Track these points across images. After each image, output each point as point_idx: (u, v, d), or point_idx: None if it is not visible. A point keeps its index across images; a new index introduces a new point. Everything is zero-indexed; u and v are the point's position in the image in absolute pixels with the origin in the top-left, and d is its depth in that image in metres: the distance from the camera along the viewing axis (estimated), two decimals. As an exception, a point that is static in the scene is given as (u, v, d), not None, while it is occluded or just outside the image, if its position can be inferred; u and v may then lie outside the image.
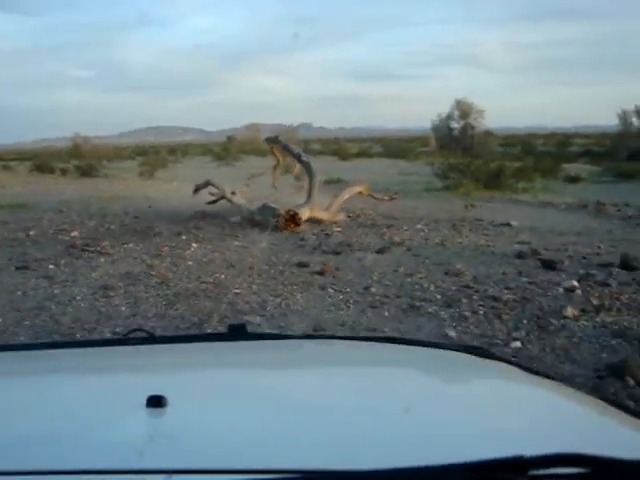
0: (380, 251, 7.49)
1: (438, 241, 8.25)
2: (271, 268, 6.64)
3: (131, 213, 11.28)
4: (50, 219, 10.61)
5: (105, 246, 7.98)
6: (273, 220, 8.83)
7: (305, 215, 9.19)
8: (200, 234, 8.85)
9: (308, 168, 10.71)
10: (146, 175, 22.85)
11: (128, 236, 8.79)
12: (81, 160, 27.53)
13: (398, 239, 8.37)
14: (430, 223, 9.87)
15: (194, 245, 8.02)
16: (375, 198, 11.28)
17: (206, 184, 10.93)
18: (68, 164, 26.03)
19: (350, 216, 10.28)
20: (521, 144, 44.26)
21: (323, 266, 6.55)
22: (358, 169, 24.92)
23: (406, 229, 9.26)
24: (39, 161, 28.25)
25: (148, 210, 11.70)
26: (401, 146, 47.69)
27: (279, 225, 8.88)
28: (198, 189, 11.07)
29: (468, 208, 11.42)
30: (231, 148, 42.64)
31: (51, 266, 6.87)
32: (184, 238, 8.52)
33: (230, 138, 54.44)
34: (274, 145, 11.54)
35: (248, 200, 10.29)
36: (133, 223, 10.15)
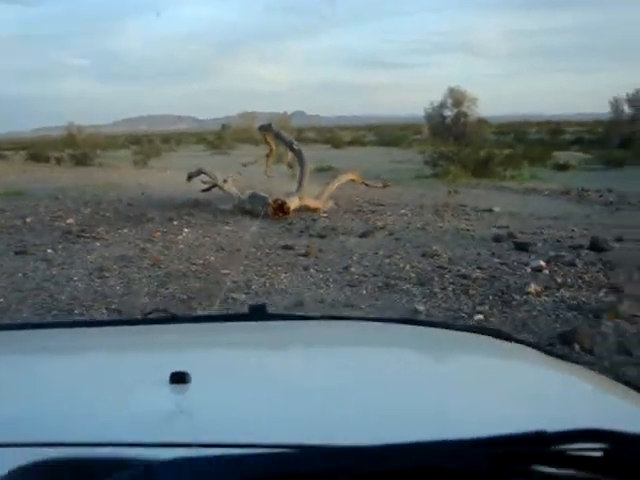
0: (363, 235, 7.85)
1: (419, 226, 8.61)
2: (258, 250, 6.99)
3: (125, 200, 11.60)
4: (46, 206, 10.92)
5: (100, 231, 8.32)
6: (262, 209, 8.95)
7: (294, 204, 9.26)
8: (192, 220, 9.19)
9: (299, 156, 10.82)
10: (140, 164, 23.08)
11: (122, 222, 9.13)
12: (75, 149, 27.71)
13: (381, 224, 8.73)
14: (415, 209, 10.21)
15: (186, 230, 8.36)
16: (367, 185, 11.42)
17: (199, 172, 11.09)
18: (63, 153, 26.25)
19: (337, 203, 10.54)
20: (514, 132, 44.51)
21: (307, 248, 6.91)
22: (350, 157, 25.20)
23: (390, 214, 9.60)
24: (34, 150, 28.40)
25: (142, 198, 12.01)
26: (395, 134, 47.69)
27: (268, 214, 9.02)
28: (191, 177, 11.24)
29: (451, 194, 11.76)
30: (225, 137, 42.73)
31: (49, 250, 7.21)
32: (176, 224, 8.87)
33: (225, 126, 54.47)
34: (266, 133, 11.70)
35: (240, 188, 10.45)
36: (127, 210, 10.47)
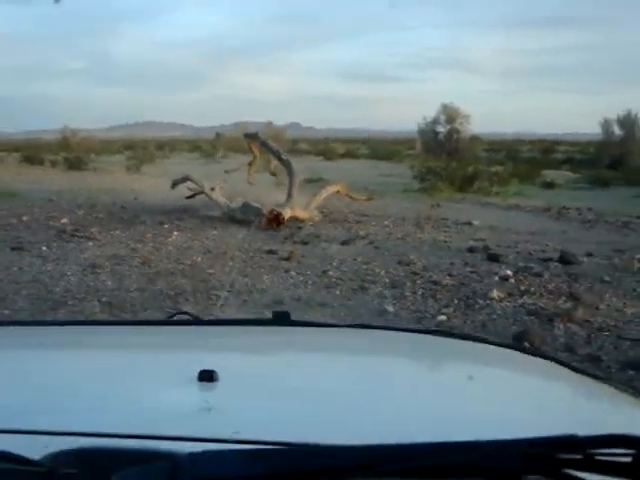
0: (344, 243, 8.24)
1: (400, 236, 9.00)
2: (243, 254, 7.37)
3: (118, 204, 11.95)
4: (41, 207, 11.26)
5: (93, 232, 8.68)
6: (256, 220, 9.00)
7: (287, 215, 9.33)
8: (182, 224, 9.55)
9: (288, 166, 10.79)
10: (133, 170, 23.33)
11: (115, 224, 9.49)
12: (70, 153, 27.91)
13: (363, 233, 9.11)
14: (397, 220, 10.59)
15: (175, 233, 8.73)
16: (352, 198, 11.57)
17: (184, 179, 10.99)
18: (57, 156, 26.49)
19: (323, 212, 10.83)
20: (506, 150, 45.06)
21: (290, 253, 7.29)
22: (341, 169, 25.55)
23: (373, 225, 9.98)
24: (28, 153, 28.60)
25: (134, 202, 12.37)
26: (388, 148, 48.18)
27: (261, 224, 9.05)
28: (176, 184, 11.14)
29: (434, 207, 12.16)
30: (218, 145, 43.07)
31: (44, 248, 7.55)
32: (166, 227, 9.23)
33: (219, 135, 54.90)
34: (251, 141, 11.77)
35: (227, 196, 10.53)
36: (120, 213, 10.83)
